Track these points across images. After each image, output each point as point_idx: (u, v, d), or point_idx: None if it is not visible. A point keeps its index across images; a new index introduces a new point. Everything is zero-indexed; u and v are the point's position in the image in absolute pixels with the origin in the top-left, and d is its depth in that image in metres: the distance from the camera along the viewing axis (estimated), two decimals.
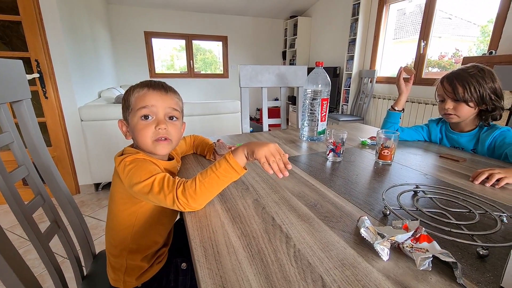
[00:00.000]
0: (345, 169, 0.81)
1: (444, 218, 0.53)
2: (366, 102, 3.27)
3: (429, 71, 2.80)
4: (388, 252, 0.41)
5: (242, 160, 0.57)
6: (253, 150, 0.56)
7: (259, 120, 4.97)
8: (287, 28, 4.90)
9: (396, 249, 0.43)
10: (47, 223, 0.69)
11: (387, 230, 0.46)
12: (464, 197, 0.62)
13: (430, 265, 0.39)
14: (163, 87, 0.65)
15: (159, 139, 0.62)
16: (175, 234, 0.80)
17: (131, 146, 0.66)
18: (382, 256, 0.41)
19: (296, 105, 1.59)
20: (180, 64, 4.77)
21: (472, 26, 2.60)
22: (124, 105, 0.65)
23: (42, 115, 1.96)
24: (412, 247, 0.42)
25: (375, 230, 0.45)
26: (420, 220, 0.50)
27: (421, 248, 0.42)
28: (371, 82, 3.22)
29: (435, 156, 0.94)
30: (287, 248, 0.44)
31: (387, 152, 0.84)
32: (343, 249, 0.44)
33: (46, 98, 1.94)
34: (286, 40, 5.01)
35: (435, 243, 0.42)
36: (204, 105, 2.25)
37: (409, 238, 0.43)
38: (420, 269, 0.39)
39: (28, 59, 1.84)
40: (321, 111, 1.07)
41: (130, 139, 0.66)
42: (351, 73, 3.49)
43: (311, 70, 1.09)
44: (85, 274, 0.77)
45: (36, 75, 1.86)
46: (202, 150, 0.91)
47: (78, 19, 2.34)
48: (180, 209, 0.54)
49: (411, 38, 2.94)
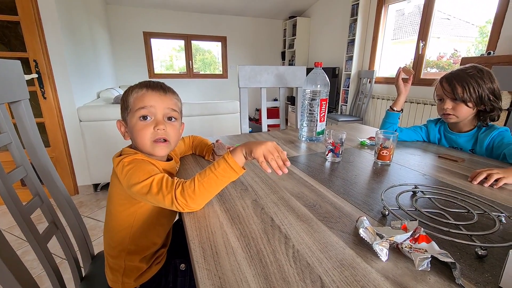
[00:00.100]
0: (344, 169, 0.81)
1: (442, 218, 0.53)
2: (365, 102, 3.27)
3: (427, 72, 2.80)
4: (387, 253, 0.41)
5: (240, 160, 0.57)
6: (251, 149, 0.56)
7: (258, 120, 4.97)
8: (286, 28, 4.91)
9: (395, 249, 0.43)
10: (46, 224, 0.68)
11: (386, 231, 0.46)
12: (463, 197, 0.62)
13: (429, 265, 0.39)
14: (162, 88, 0.65)
15: (158, 140, 0.62)
16: (174, 235, 0.80)
17: (130, 147, 0.66)
18: (381, 257, 0.41)
19: (295, 105, 1.59)
20: (179, 65, 4.77)
21: (471, 27, 2.60)
22: (123, 105, 0.65)
23: (40, 116, 1.96)
24: (411, 248, 0.42)
25: (374, 231, 0.45)
26: (419, 221, 0.50)
27: (420, 249, 0.42)
28: (370, 82, 3.23)
29: (434, 156, 0.94)
30: (286, 248, 0.44)
31: (386, 153, 0.84)
32: (342, 249, 0.44)
33: (45, 98, 1.94)
34: (285, 40, 5.01)
35: (433, 243, 0.42)
36: (203, 105, 2.25)
37: (408, 238, 0.43)
38: (419, 269, 0.39)
39: (27, 60, 1.84)
40: (320, 112, 1.07)
41: (129, 140, 0.66)
42: (350, 73, 3.49)
43: (310, 70, 1.09)
44: (83, 275, 0.77)
45: (34, 76, 1.86)
46: (201, 150, 0.91)
47: (77, 19, 2.33)
48: (179, 209, 0.53)
49: (410, 39, 2.94)
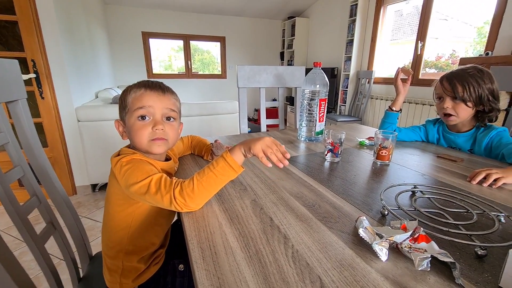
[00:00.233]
0: (343, 169, 0.81)
1: (442, 218, 0.53)
2: (364, 102, 3.28)
3: (426, 72, 2.81)
4: (387, 253, 0.41)
5: (239, 158, 0.56)
6: (249, 146, 0.56)
7: (257, 120, 4.97)
8: (285, 29, 4.91)
9: (395, 249, 0.43)
10: (43, 224, 0.68)
11: (385, 231, 0.45)
12: (462, 197, 0.62)
13: (429, 265, 0.39)
14: (161, 88, 0.64)
15: (155, 139, 0.62)
16: (173, 235, 0.80)
17: (128, 147, 0.66)
18: (380, 257, 0.41)
19: (294, 105, 1.59)
20: (178, 65, 4.76)
21: (469, 28, 2.61)
22: (121, 105, 0.65)
23: (38, 116, 1.95)
24: (410, 247, 0.42)
25: (374, 231, 0.45)
26: (418, 220, 0.50)
27: (419, 248, 0.41)
28: (368, 82, 3.23)
29: (433, 156, 0.94)
30: (285, 248, 0.44)
31: (385, 153, 0.84)
32: (342, 249, 0.44)
33: (43, 98, 1.93)
34: (284, 40, 5.01)
35: (433, 243, 0.42)
36: (202, 105, 2.24)
37: (407, 238, 0.43)
38: (419, 269, 0.39)
39: (25, 59, 1.83)
40: (319, 112, 1.07)
41: (127, 140, 0.66)
42: (349, 73, 3.50)
43: (309, 70, 1.09)
44: (81, 276, 0.76)
45: (32, 75, 1.85)
46: (199, 150, 0.91)
47: (75, 19, 2.33)
48: (178, 209, 0.53)
49: (408, 39, 2.95)
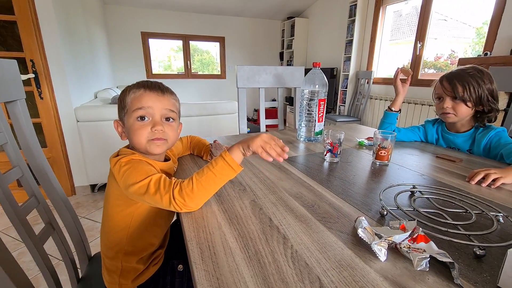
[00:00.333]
0: (342, 169, 0.81)
1: (441, 218, 0.53)
2: (363, 103, 3.28)
3: (425, 72, 2.82)
4: (386, 253, 0.41)
5: (238, 157, 0.57)
6: (248, 144, 0.56)
7: (256, 120, 4.98)
8: (284, 29, 4.91)
9: (394, 249, 0.43)
10: (42, 225, 0.68)
11: (384, 231, 0.45)
12: (461, 197, 0.62)
13: (428, 265, 0.39)
14: (160, 88, 0.64)
15: (154, 139, 0.61)
16: (172, 236, 0.79)
17: (127, 147, 0.66)
18: (379, 257, 0.41)
19: (294, 105, 1.59)
20: (178, 65, 4.76)
21: (468, 28, 2.62)
22: (120, 105, 0.64)
23: (37, 116, 1.94)
24: (409, 248, 0.42)
25: (373, 231, 0.45)
26: (417, 220, 0.50)
27: (418, 249, 0.41)
28: (368, 83, 3.23)
29: (432, 157, 0.95)
30: (285, 249, 0.44)
31: (384, 153, 0.84)
32: (341, 250, 0.44)
33: (42, 98, 1.92)
34: (283, 41, 5.02)
35: (432, 243, 0.42)
36: (202, 105, 2.24)
37: (406, 238, 0.43)
38: (418, 269, 0.39)
39: (23, 59, 1.82)
40: (318, 112, 1.07)
41: (126, 140, 0.66)
42: (348, 74, 3.50)
43: (309, 71, 1.09)
44: (80, 277, 0.76)
45: (31, 76, 1.85)
46: (199, 151, 0.91)
47: (74, 19, 2.32)
48: (177, 209, 0.53)
49: (408, 40, 2.96)
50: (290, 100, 4.74)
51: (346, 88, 3.56)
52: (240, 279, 0.38)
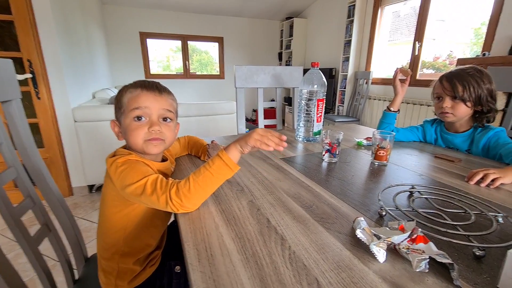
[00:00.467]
0: (340, 169, 0.81)
1: (440, 218, 0.53)
2: (362, 103, 3.28)
3: (423, 73, 2.82)
4: (384, 254, 0.41)
5: (235, 156, 0.56)
6: (245, 140, 0.56)
7: (255, 121, 4.97)
8: (283, 29, 4.91)
9: (392, 250, 0.43)
10: (39, 226, 0.67)
11: (383, 231, 0.45)
12: (460, 197, 0.62)
13: (427, 266, 0.39)
14: (157, 88, 0.64)
15: (152, 139, 0.61)
16: (169, 237, 0.79)
17: (124, 147, 0.65)
18: (378, 258, 0.41)
19: (292, 106, 1.58)
20: (176, 65, 4.75)
21: (466, 28, 2.62)
22: (117, 105, 0.64)
23: (34, 116, 1.93)
24: (408, 248, 0.41)
25: (371, 231, 0.44)
26: (416, 221, 0.50)
27: (417, 249, 0.41)
28: (366, 83, 3.24)
29: (430, 157, 0.94)
30: (282, 250, 0.43)
31: (383, 153, 0.84)
32: (339, 250, 0.43)
33: (39, 98, 1.91)
34: (282, 41, 5.02)
35: (431, 244, 0.41)
36: (200, 106, 2.24)
37: (405, 239, 0.42)
38: (417, 270, 0.39)
39: (21, 59, 1.81)
40: (317, 112, 1.07)
41: (123, 140, 0.65)
42: (347, 74, 3.50)
43: (307, 71, 1.09)
44: (76, 278, 0.75)
45: (28, 76, 1.84)
46: (196, 151, 0.90)
47: (72, 19, 2.31)
48: (174, 210, 0.52)
49: (406, 40, 2.96)
50: (288, 100, 4.74)
51: (345, 88, 3.56)
52: (237, 280, 0.37)
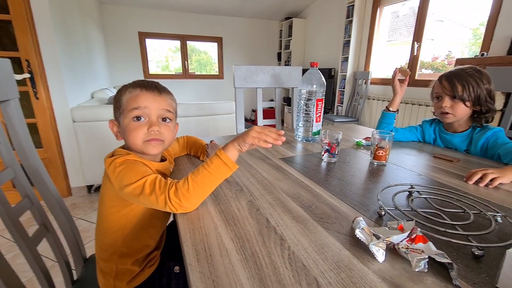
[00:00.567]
0: (340, 169, 0.81)
1: (439, 218, 0.53)
2: (361, 103, 3.28)
3: (422, 73, 2.83)
4: (384, 253, 0.41)
5: (233, 155, 0.56)
6: (243, 139, 0.57)
7: (254, 121, 4.97)
8: (282, 29, 4.91)
9: (392, 250, 0.43)
10: (37, 226, 0.67)
11: (382, 231, 0.45)
12: (459, 197, 0.62)
13: (426, 266, 0.39)
14: (157, 88, 0.63)
15: (151, 139, 0.61)
16: (169, 237, 0.79)
17: (122, 147, 0.65)
18: (377, 258, 0.41)
19: (291, 106, 1.58)
20: (175, 65, 4.75)
21: (464, 29, 2.63)
22: (116, 105, 0.64)
23: (32, 116, 1.92)
24: (407, 248, 0.41)
25: (371, 231, 0.44)
26: (415, 221, 0.50)
27: (416, 249, 0.41)
28: (365, 83, 3.24)
29: (429, 157, 0.94)
30: (282, 250, 0.43)
31: (382, 153, 0.84)
32: (338, 250, 0.43)
33: (37, 98, 1.90)
34: (281, 41, 5.02)
35: (430, 243, 0.41)
36: (199, 106, 2.23)
37: (404, 239, 0.42)
38: (416, 270, 0.39)
39: (19, 59, 1.81)
40: (316, 112, 1.06)
41: (121, 140, 0.65)
42: (346, 74, 3.50)
43: (306, 71, 1.09)
44: (75, 279, 0.75)
45: (26, 75, 1.83)
46: (195, 151, 0.90)
47: (71, 18, 2.31)
48: (173, 210, 0.52)
49: (405, 40, 2.97)
50: (288, 100, 4.74)
51: (344, 88, 3.56)
52: (236, 281, 0.37)
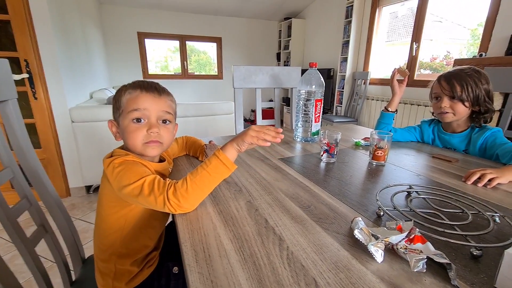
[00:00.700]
0: (339, 170, 0.81)
1: (437, 218, 0.53)
2: (360, 103, 3.29)
3: (421, 73, 2.83)
4: (382, 254, 0.41)
5: (232, 155, 0.56)
6: (242, 138, 0.57)
7: (253, 121, 4.97)
8: (281, 29, 4.92)
9: (390, 250, 0.43)
10: (35, 227, 0.66)
11: (381, 231, 0.45)
12: (457, 197, 0.62)
13: (425, 266, 0.39)
14: (156, 89, 0.63)
15: (150, 141, 0.61)
16: (167, 237, 0.78)
17: (121, 148, 0.65)
18: (376, 258, 0.41)
19: (290, 106, 1.58)
20: (174, 66, 4.74)
21: (463, 29, 2.64)
22: (115, 105, 0.63)
23: (31, 116, 1.92)
24: (406, 248, 0.41)
25: (369, 232, 0.44)
26: (414, 221, 0.50)
27: (415, 249, 0.41)
28: (364, 83, 3.25)
29: (428, 157, 0.95)
30: (280, 250, 0.43)
31: (381, 153, 0.84)
32: (337, 251, 0.43)
33: (36, 99, 1.90)
34: (280, 41, 5.02)
35: (429, 244, 0.41)
36: (198, 106, 2.23)
37: (403, 239, 0.42)
38: (414, 270, 0.39)
39: (17, 59, 1.80)
40: (315, 112, 1.07)
41: (120, 140, 0.65)
42: (345, 74, 3.51)
43: (305, 71, 1.09)
44: (73, 279, 0.75)
45: (25, 76, 1.82)
46: (194, 151, 0.90)
47: (69, 18, 2.30)
48: (171, 211, 0.52)
49: (404, 41, 2.97)
50: (287, 101, 4.74)
51: (343, 88, 3.57)
52: (235, 281, 0.37)
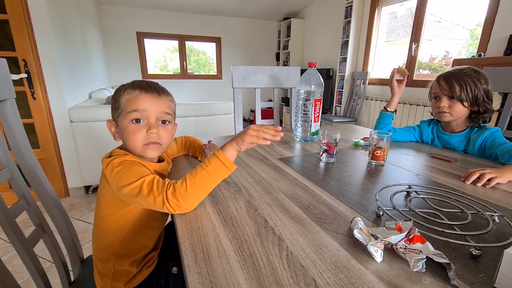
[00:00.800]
0: (338, 170, 0.81)
1: (436, 218, 0.53)
2: (359, 103, 3.29)
3: (420, 73, 2.84)
4: (382, 254, 0.41)
5: (231, 155, 0.56)
6: (241, 138, 0.57)
7: (252, 121, 4.97)
8: (280, 29, 4.92)
9: (390, 250, 0.43)
10: (34, 227, 0.66)
11: (380, 231, 0.45)
12: (456, 197, 0.62)
13: (424, 266, 0.39)
14: (156, 90, 0.63)
15: (149, 143, 0.60)
16: (166, 237, 0.78)
17: (120, 148, 0.64)
18: (375, 258, 0.41)
19: (290, 106, 1.58)
20: (174, 66, 4.74)
21: (461, 30, 2.64)
22: (114, 105, 0.63)
23: (30, 116, 1.91)
24: (405, 248, 0.41)
25: (369, 231, 0.44)
26: (413, 221, 0.50)
27: (414, 249, 0.41)
28: (363, 83, 3.25)
29: (427, 157, 0.95)
30: (280, 250, 0.43)
31: (380, 153, 0.84)
32: (336, 251, 0.43)
33: (34, 98, 1.89)
34: (279, 41, 5.02)
35: (428, 244, 0.41)
36: (197, 106, 2.23)
37: (402, 239, 0.42)
38: (414, 270, 0.39)
39: (16, 59, 1.80)
40: (314, 112, 1.07)
41: (119, 140, 0.64)
42: (344, 74, 3.51)
43: (305, 71, 1.09)
44: (72, 280, 0.75)
45: (23, 75, 1.82)
46: (193, 151, 0.90)
47: (68, 18, 2.30)
48: (170, 211, 0.52)
49: (403, 41, 2.98)
50: (286, 101, 4.74)
51: (342, 88, 3.57)
52: (234, 282, 0.37)
